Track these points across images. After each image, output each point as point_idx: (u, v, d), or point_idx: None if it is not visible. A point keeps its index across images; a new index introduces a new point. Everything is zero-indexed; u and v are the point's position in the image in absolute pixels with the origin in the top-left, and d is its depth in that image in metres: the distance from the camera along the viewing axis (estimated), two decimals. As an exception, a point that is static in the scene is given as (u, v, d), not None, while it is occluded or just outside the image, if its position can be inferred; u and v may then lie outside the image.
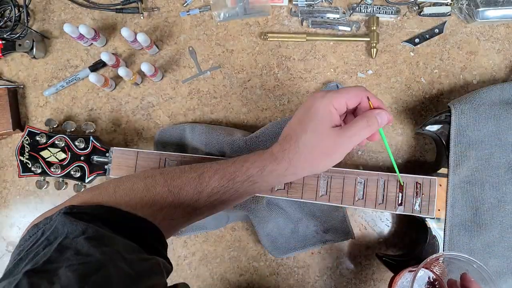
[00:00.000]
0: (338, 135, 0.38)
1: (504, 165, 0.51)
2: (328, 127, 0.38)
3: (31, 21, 0.64)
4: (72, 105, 0.63)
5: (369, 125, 0.38)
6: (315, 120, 0.38)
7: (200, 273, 0.60)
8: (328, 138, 0.38)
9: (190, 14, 0.63)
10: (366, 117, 0.39)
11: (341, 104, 0.39)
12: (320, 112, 0.38)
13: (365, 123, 0.38)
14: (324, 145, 0.38)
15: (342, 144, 0.38)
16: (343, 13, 0.61)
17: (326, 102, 0.38)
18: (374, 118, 0.39)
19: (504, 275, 0.51)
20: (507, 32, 0.61)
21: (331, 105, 0.38)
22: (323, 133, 0.38)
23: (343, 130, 0.38)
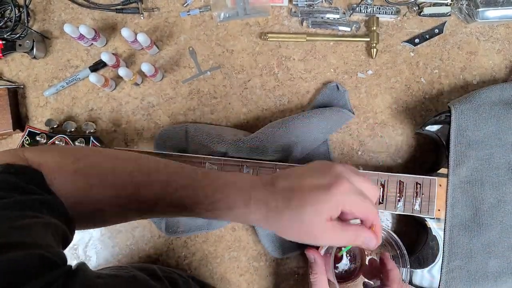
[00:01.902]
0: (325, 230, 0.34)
1: (504, 165, 0.52)
2: (323, 219, 0.33)
3: (32, 21, 0.64)
4: (72, 105, 0.63)
5: (354, 242, 0.35)
6: (317, 209, 0.33)
7: (200, 273, 0.60)
8: (313, 228, 0.34)
9: (190, 14, 0.63)
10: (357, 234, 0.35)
11: (349, 210, 0.34)
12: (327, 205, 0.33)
13: (353, 237, 0.35)
14: (306, 231, 0.34)
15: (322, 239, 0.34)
16: (343, 13, 0.61)
17: (338, 202, 0.33)
18: (363, 240, 0.35)
19: (504, 275, 0.51)
20: (507, 32, 0.61)
21: (341, 206, 0.33)
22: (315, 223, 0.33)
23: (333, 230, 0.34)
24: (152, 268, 0.50)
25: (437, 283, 0.51)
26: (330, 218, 0.34)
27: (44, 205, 0.31)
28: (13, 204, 0.29)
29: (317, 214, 0.33)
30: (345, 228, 0.34)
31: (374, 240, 0.36)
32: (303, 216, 0.33)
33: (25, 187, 0.31)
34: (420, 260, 0.51)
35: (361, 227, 0.36)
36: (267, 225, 0.35)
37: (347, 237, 0.34)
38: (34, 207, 0.30)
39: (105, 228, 0.60)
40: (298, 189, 0.34)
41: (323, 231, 0.34)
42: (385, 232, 0.47)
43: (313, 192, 0.34)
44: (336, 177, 0.34)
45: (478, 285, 0.51)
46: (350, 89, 0.61)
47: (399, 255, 0.47)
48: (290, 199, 0.34)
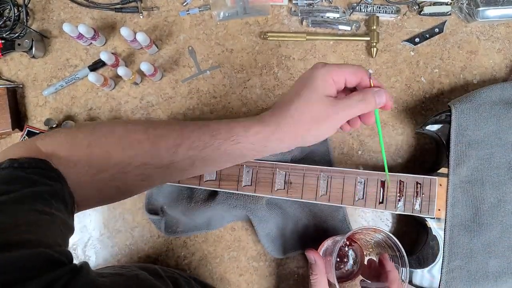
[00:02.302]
0: (331, 104, 0.36)
1: (505, 165, 0.51)
2: (322, 94, 0.37)
3: (31, 21, 0.64)
4: (71, 104, 0.63)
5: (365, 100, 0.37)
6: (310, 88, 0.37)
7: (200, 273, 0.59)
8: (320, 106, 0.36)
9: (189, 13, 0.63)
10: (362, 92, 0.37)
11: (340, 77, 0.37)
12: (317, 80, 0.37)
13: (361, 97, 0.37)
14: (314, 111, 0.37)
15: (334, 114, 0.36)
16: (343, 13, 0.61)
17: (324, 72, 0.37)
18: (372, 95, 0.37)
19: (504, 275, 0.51)
20: (507, 31, 0.61)
21: (329, 76, 0.37)
22: (316, 100, 0.36)
23: (337, 100, 0.37)
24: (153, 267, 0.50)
25: (437, 283, 0.51)
26: (330, 95, 0.37)
27: (53, 196, 0.31)
28: (21, 197, 0.29)
29: (312, 91, 0.37)
30: (349, 96, 0.37)
31: (382, 91, 0.37)
32: (304, 100, 0.37)
33: (31, 179, 0.31)
34: (420, 260, 0.51)
35: (363, 89, 0.38)
36: (285, 131, 0.38)
37: (356, 100, 0.37)
38: (43, 199, 0.30)
39: (104, 228, 0.60)
40: (292, 89, 0.39)
41: (330, 105, 0.36)
42: (383, 234, 0.46)
43: (303, 83, 0.38)
44: (313, 66, 0.38)
45: (479, 285, 0.50)
46: (350, 88, 0.60)
47: (398, 256, 0.46)
48: (290, 97, 0.38)
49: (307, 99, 0.37)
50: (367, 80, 0.38)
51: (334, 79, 0.37)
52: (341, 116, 0.37)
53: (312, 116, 0.37)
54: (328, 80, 0.37)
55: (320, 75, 0.37)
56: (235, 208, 0.55)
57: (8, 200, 0.28)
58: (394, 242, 0.46)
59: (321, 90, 0.37)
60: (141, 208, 0.60)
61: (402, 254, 0.46)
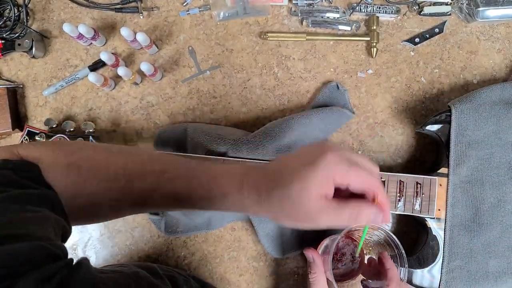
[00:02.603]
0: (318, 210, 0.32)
1: (505, 165, 0.51)
2: (314, 196, 0.32)
3: (31, 21, 0.64)
4: (71, 104, 0.63)
5: (356, 220, 0.32)
6: (305, 182, 0.32)
7: (200, 273, 0.59)
8: (305, 208, 0.32)
9: (189, 13, 0.63)
10: (359, 209, 0.32)
11: (343, 182, 0.32)
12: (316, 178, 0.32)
13: (354, 215, 0.32)
14: (297, 212, 0.33)
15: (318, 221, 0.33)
16: (343, 13, 0.61)
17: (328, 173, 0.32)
18: (367, 217, 0.32)
19: (504, 275, 0.51)
20: (507, 31, 0.61)
21: (331, 178, 0.32)
22: (304, 201, 0.32)
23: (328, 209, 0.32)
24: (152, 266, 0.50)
25: (437, 283, 0.51)
26: (325, 196, 0.32)
27: (42, 199, 0.31)
28: (12, 198, 0.29)
29: (304, 190, 0.31)
30: (343, 205, 0.32)
31: (379, 215, 0.33)
32: (291, 193, 0.32)
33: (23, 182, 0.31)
34: (420, 260, 0.51)
35: (362, 201, 0.33)
36: (261, 210, 0.35)
37: (347, 215, 0.32)
38: (33, 201, 0.30)
39: (105, 228, 0.60)
40: (285, 169, 0.34)
41: (316, 210, 0.32)
42: (383, 232, 0.46)
43: (300, 169, 0.32)
44: (323, 150, 0.32)
45: (478, 285, 0.50)
46: (350, 88, 0.60)
47: (398, 254, 0.46)
48: (278, 179, 0.33)
49: (296, 195, 0.32)
50: (372, 195, 0.33)
51: (336, 181, 0.32)
52: (324, 225, 0.33)
53: (294, 214, 0.33)
54: (329, 182, 0.32)
55: (323, 173, 0.32)
56: None
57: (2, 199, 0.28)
58: (393, 240, 0.46)
59: (315, 190, 0.32)
60: (141, 208, 0.60)
61: (401, 252, 0.46)
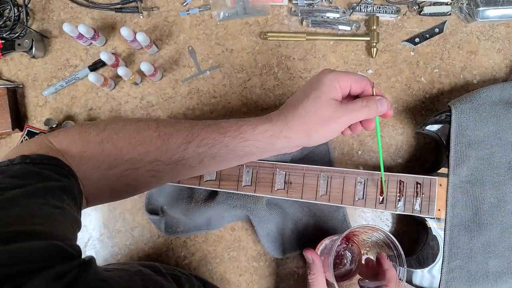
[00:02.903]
0: (337, 106, 0.39)
1: (505, 165, 0.51)
2: (329, 97, 0.39)
3: (31, 21, 0.64)
4: (71, 104, 0.63)
5: (368, 106, 0.39)
6: (318, 90, 0.39)
7: (200, 273, 0.59)
8: (326, 108, 0.39)
9: (189, 13, 0.63)
10: (366, 98, 0.40)
11: (346, 83, 0.39)
12: (324, 84, 0.39)
13: (365, 103, 0.39)
14: (322, 113, 0.39)
15: (340, 116, 0.39)
16: (343, 13, 0.61)
17: (331, 77, 0.39)
18: (374, 102, 0.39)
19: (504, 275, 0.51)
20: (507, 31, 0.61)
21: (336, 81, 0.39)
22: (323, 102, 0.39)
23: (343, 104, 0.39)
24: (155, 264, 0.50)
25: (437, 283, 0.51)
26: (335, 99, 0.39)
27: (63, 191, 0.32)
28: (33, 191, 0.30)
29: (320, 94, 0.38)
30: (354, 101, 0.40)
31: (383, 100, 0.40)
32: (309, 104, 0.39)
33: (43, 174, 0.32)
34: (420, 260, 0.51)
35: (366, 97, 0.40)
36: (292, 128, 0.40)
37: (360, 105, 0.39)
38: (54, 194, 0.31)
39: (104, 228, 0.60)
40: (299, 92, 0.41)
41: (334, 110, 0.38)
42: (381, 232, 0.46)
43: (310, 87, 0.40)
44: (322, 72, 0.40)
45: (479, 285, 0.50)
46: (350, 88, 0.60)
47: (396, 255, 0.46)
48: (296, 101, 0.40)
49: (315, 100, 0.39)
50: (370, 89, 0.40)
51: (340, 85, 0.39)
52: (346, 119, 0.39)
53: (319, 117, 0.39)
54: (335, 85, 0.39)
55: (328, 79, 0.39)
56: (235, 208, 0.55)
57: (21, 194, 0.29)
58: (392, 241, 0.46)
59: (328, 93, 0.39)
60: (141, 208, 0.60)
61: (399, 252, 0.46)
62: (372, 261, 0.52)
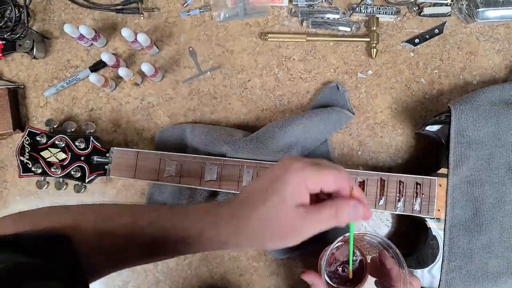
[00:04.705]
0: (298, 219, 0.32)
1: (504, 165, 0.51)
2: (291, 206, 0.32)
3: (31, 22, 0.64)
4: (72, 105, 0.63)
5: (337, 217, 0.33)
6: (279, 195, 0.33)
7: (200, 273, 0.60)
8: (286, 220, 0.33)
9: (190, 14, 0.63)
10: (337, 206, 0.33)
11: (315, 186, 0.33)
12: (288, 188, 0.33)
13: (333, 213, 0.33)
14: (281, 225, 0.33)
15: (301, 230, 0.33)
16: (343, 14, 0.61)
17: (299, 180, 0.33)
18: (347, 211, 0.33)
19: (504, 275, 0.51)
20: (507, 32, 0.61)
21: (303, 184, 0.33)
22: (284, 213, 0.32)
23: (306, 215, 0.33)
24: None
25: (437, 283, 0.51)
26: (301, 204, 0.33)
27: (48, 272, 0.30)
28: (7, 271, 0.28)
29: (281, 201, 0.32)
30: (321, 207, 0.33)
31: (359, 206, 0.33)
32: (269, 210, 0.33)
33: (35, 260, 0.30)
34: (420, 260, 0.51)
35: (338, 199, 0.34)
36: (242, 238, 0.34)
37: (326, 214, 0.33)
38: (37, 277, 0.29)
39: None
40: (257, 191, 0.34)
41: (297, 219, 0.32)
42: (378, 238, 0.46)
43: (271, 186, 0.33)
44: (287, 164, 0.34)
45: (478, 285, 0.51)
46: (350, 89, 0.61)
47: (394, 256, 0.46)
48: (253, 201, 0.34)
49: (273, 208, 0.33)
50: (347, 190, 0.34)
51: (308, 187, 0.33)
52: (308, 232, 0.33)
53: (277, 231, 0.33)
54: (301, 189, 0.33)
55: (293, 182, 0.33)
56: None
57: None
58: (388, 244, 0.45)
59: (290, 200, 0.33)
60: (141, 209, 0.60)
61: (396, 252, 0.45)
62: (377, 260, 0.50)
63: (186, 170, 0.54)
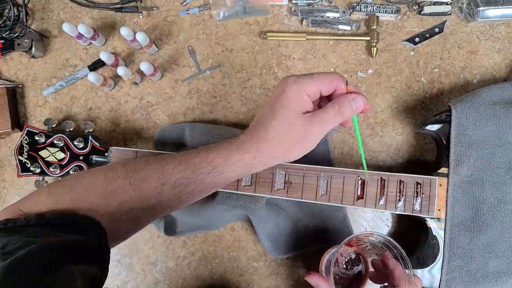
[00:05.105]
0: (308, 122, 0.37)
1: (505, 165, 0.51)
2: (298, 114, 0.36)
3: (30, 20, 0.64)
4: (71, 104, 0.63)
5: (341, 113, 0.37)
6: (285, 107, 0.36)
7: (200, 273, 0.59)
8: (298, 126, 0.36)
9: (189, 13, 0.63)
10: (338, 103, 0.37)
11: (314, 90, 0.37)
12: (291, 98, 0.36)
13: (337, 109, 0.37)
14: (294, 133, 0.37)
15: (313, 132, 0.37)
16: (343, 12, 0.61)
17: (298, 88, 0.36)
18: (348, 104, 0.37)
19: (505, 275, 0.51)
20: (507, 31, 0.60)
21: (303, 92, 0.36)
22: (293, 121, 0.36)
23: (314, 117, 0.37)
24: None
25: (437, 283, 0.51)
26: (307, 111, 0.37)
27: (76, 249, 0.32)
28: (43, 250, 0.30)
29: (289, 112, 0.36)
30: (325, 108, 0.37)
31: (358, 97, 0.37)
32: (282, 122, 0.36)
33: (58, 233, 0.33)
34: (421, 260, 0.51)
35: (338, 97, 0.38)
36: (266, 156, 0.38)
37: (332, 112, 0.37)
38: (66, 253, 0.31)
39: (104, 228, 0.60)
40: (265, 109, 0.38)
41: (308, 122, 0.36)
42: (381, 238, 0.46)
43: (278, 103, 0.37)
44: (283, 82, 0.38)
45: (479, 285, 0.50)
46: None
47: (399, 256, 0.46)
48: (266, 120, 0.38)
49: (284, 120, 0.37)
50: (343, 87, 0.38)
51: (308, 94, 0.37)
52: (320, 132, 0.37)
53: (291, 137, 0.37)
54: (303, 97, 0.36)
55: (293, 92, 0.36)
56: (235, 208, 0.54)
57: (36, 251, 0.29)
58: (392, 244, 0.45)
59: (296, 108, 0.37)
60: (141, 208, 0.60)
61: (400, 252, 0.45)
62: (379, 263, 0.51)
63: (185, 169, 0.54)
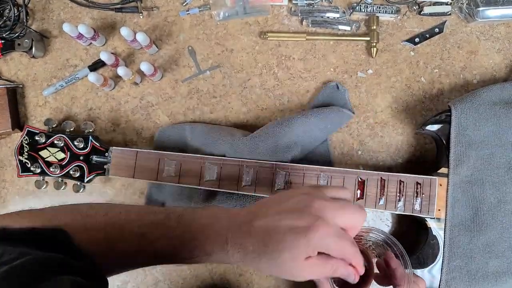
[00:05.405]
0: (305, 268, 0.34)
1: (505, 165, 0.51)
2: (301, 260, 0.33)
3: (30, 21, 0.64)
4: (71, 104, 0.63)
5: (335, 272, 0.35)
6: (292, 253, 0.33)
7: (200, 273, 0.59)
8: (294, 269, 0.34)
9: (189, 13, 0.63)
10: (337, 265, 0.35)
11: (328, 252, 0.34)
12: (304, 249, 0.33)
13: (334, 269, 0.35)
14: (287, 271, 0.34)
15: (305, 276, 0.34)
16: (343, 13, 0.61)
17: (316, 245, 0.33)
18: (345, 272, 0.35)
19: (505, 275, 0.50)
20: (507, 31, 0.61)
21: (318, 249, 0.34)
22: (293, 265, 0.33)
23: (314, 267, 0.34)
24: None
25: (437, 283, 0.51)
26: (309, 257, 0.33)
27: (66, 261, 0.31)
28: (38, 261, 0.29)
29: (294, 259, 0.33)
30: (324, 262, 0.34)
31: (352, 276, 0.36)
32: (280, 261, 0.33)
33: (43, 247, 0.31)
34: (420, 260, 0.51)
35: (341, 262, 0.35)
36: (246, 265, 0.38)
37: (326, 271, 0.34)
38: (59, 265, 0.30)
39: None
40: (274, 232, 0.34)
41: (301, 270, 0.34)
42: (381, 234, 0.46)
43: (290, 237, 0.33)
44: (314, 219, 0.34)
45: (479, 285, 0.50)
46: (350, 88, 0.60)
47: (398, 253, 0.46)
48: (267, 243, 0.34)
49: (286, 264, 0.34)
50: None
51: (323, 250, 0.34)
52: (313, 277, 0.36)
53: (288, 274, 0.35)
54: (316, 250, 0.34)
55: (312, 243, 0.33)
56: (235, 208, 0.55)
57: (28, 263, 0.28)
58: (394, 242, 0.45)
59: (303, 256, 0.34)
60: (141, 208, 0.60)
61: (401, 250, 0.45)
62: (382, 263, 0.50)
63: (185, 169, 0.54)
